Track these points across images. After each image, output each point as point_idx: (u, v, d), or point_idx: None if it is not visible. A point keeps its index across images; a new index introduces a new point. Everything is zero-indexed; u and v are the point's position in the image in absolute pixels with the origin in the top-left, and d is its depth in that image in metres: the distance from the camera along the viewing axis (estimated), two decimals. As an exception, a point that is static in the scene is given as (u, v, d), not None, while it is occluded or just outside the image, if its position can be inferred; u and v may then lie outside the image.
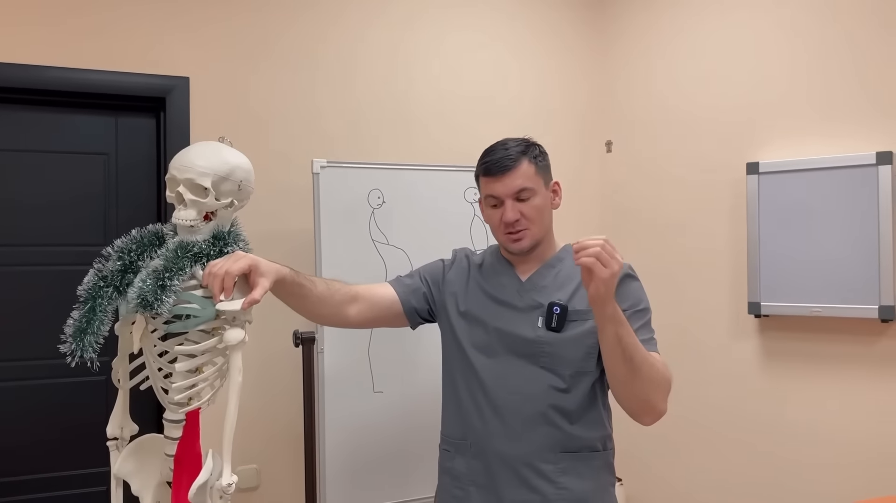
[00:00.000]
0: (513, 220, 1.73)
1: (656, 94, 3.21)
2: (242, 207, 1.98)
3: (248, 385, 2.75)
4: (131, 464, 1.89)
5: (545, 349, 1.74)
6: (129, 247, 1.82)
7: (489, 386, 1.76)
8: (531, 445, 1.72)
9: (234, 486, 1.73)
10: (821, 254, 2.59)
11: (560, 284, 1.79)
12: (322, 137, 2.92)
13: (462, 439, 1.80)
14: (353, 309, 1.82)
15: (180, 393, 1.79)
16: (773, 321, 2.78)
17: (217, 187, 1.83)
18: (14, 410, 2.54)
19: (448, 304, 1.87)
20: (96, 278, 1.77)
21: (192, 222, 1.79)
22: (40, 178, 2.60)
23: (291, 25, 2.89)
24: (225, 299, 1.62)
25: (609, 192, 3.43)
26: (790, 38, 2.73)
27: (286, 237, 2.84)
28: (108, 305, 1.75)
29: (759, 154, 2.82)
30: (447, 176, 2.70)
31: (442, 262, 1.95)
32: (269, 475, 2.81)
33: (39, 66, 2.51)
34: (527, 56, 3.34)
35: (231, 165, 1.87)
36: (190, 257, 1.75)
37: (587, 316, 1.72)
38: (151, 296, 1.65)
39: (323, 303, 1.79)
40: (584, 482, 1.74)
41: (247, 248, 1.92)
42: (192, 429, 1.79)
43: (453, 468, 1.82)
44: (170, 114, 2.69)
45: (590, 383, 1.75)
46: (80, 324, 1.71)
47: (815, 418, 2.66)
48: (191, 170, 1.80)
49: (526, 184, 1.74)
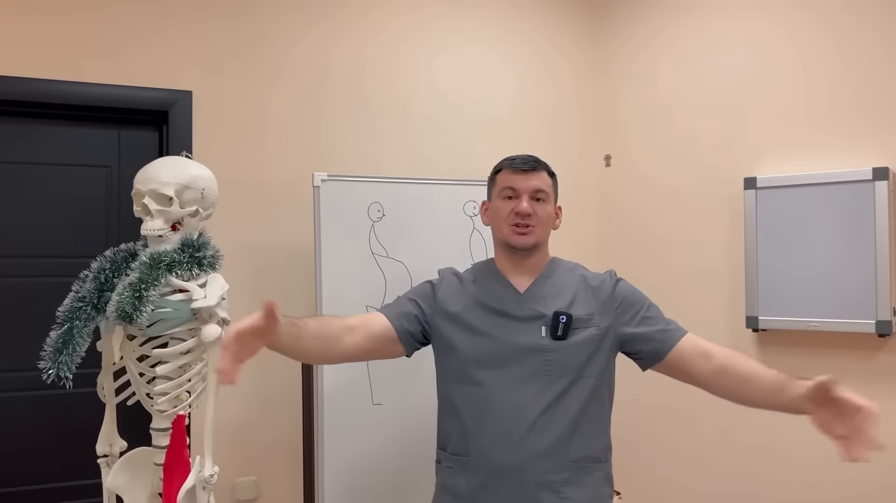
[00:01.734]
0: (527, 211, 1.80)
1: (655, 109, 3.24)
2: (209, 217, 2.02)
3: (247, 396, 2.78)
4: (123, 478, 1.92)
5: (550, 357, 1.76)
6: (103, 266, 1.89)
7: (493, 398, 1.76)
8: (536, 457, 1.73)
9: (216, 477, 1.76)
10: (818, 268, 2.60)
11: (557, 293, 1.83)
12: (323, 151, 2.95)
13: (463, 455, 1.79)
14: (349, 339, 1.77)
15: (163, 396, 1.83)
16: (770, 335, 2.78)
17: (180, 196, 1.89)
18: (8, 420, 2.55)
19: (442, 322, 1.87)
20: (74, 299, 1.83)
21: (160, 231, 1.85)
22: (44, 189, 2.62)
23: (294, 40, 2.92)
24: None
25: (608, 206, 3.45)
26: (788, 55, 2.76)
27: (286, 250, 2.86)
28: (84, 326, 1.81)
29: (756, 169, 2.84)
30: (447, 190, 2.72)
31: (430, 283, 1.95)
32: (268, 487, 2.82)
33: (44, 80, 2.55)
34: (527, 70, 3.37)
35: (192, 175, 1.94)
36: (164, 267, 1.80)
37: (588, 324, 1.79)
38: (130, 308, 1.71)
39: (318, 339, 1.72)
40: (585, 492, 1.75)
41: (216, 254, 1.98)
42: (179, 436, 1.82)
43: (455, 485, 1.80)
44: (172, 127, 2.72)
45: (590, 389, 1.78)
46: (57, 344, 1.78)
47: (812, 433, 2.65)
48: (154, 181, 1.87)
49: (544, 187, 1.84)
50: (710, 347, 1.77)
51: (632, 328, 1.82)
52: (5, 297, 2.56)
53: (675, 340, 1.79)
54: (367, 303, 2.57)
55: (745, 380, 1.69)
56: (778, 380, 1.66)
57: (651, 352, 1.81)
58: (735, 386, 1.71)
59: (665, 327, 1.82)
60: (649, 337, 1.80)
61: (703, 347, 1.77)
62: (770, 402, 1.68)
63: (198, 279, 1.93)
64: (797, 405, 1.61)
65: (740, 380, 1.70)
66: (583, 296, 1.83)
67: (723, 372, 1.72)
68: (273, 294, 2.83)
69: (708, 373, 1.74)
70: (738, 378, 1.70)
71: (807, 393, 1.57)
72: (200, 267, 1.93)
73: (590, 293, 1.84)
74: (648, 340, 1.80)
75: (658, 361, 1.80)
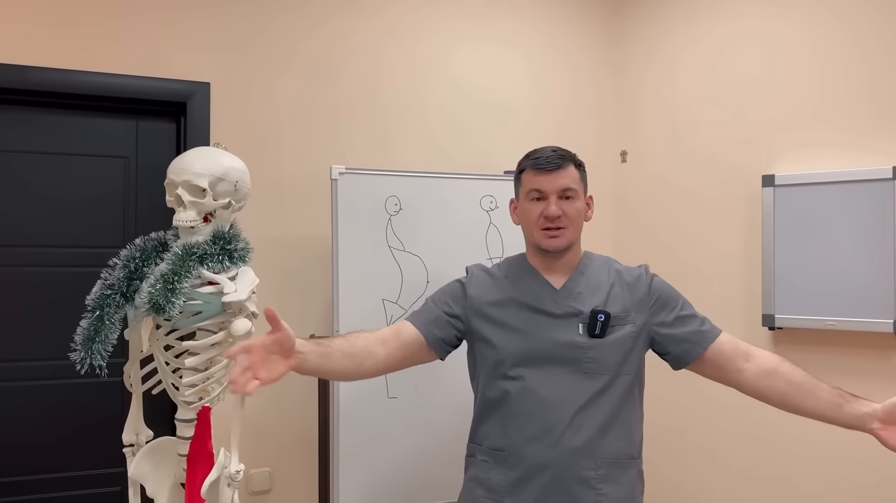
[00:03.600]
0: (556, 214, 1.77)
1: (672, 104, 3.22)
2: (241, 209, 2.02)
3: (263, 389, 2.78)
4: (146, 466, 1.93)
5: (589, 355, 1.76)
6: (133, 254, 1.88)
7: (531, 395, 1.76)
8: (573, 453, 1.73)
9: (242, 474, 1.77)
10: (835, 267, 2.59)
11: (592, 290, 1.82)
12: (340, 144, 2.94)
13: (500, 450, 1.79)
14: (382, 352, 1.73)
15: (190, 389, 1.83)
16: (787, 334, 2.78)
17: (214, 188, 1.88)
18: (34, 409, 2.57)
19: (477, 320, 1.85)
20: (103, 287, 1.83)
21: (193, 223, 1.85)
22: (61, 179, 2.63)
23: (311, 32, 2.91)
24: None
25: (623, 202, 3.44)
26: (808, 51, 2.74)
27: (303, 243, 2.86)
28: (115, 313, 1.80)
29: (774, 167, 2.83)
30: (464, 184, 2.72)
31: (459, 282, 1.92)
32: (282, 479, 2.82)
33: (62, 70, 2.54)
34: (544, 66, 3.36)
35: (226, 167, 1.93)
36: (196, 259, 1.80)
37: (624, 321, 1.79)
38: (163, 300, 1.70)
39: (347, 355, 1.68)
40: (621, 489, 1.76)
41: (247, 246, 1.97)
42: (204, 428, 1.82)
43: (490, 479, 1.79)
44: (190, 118, 2.72)
45: (627, 386, 1.78)
46: (89, 332, 1.77)
47: (829, 433, 2.65)
48: (188, 172, 1.86)
49: (572, 184, 1.80)
50: (749, 348, 1.80)
51: (666, 328, 1.82)
52: (22, 287, 2.56)
53: (709, 340, 1.80)
54: (383, 297, 2.58)
55: (800, 388, 1.72)
56: (836, 395, 1.69)
57: (683, 353, 1.81)
58: (787, 391, 1.73)
59: (699, 327, 1.82)
60: (683, 338, 1.81)
61: (743, 347, 1.79)
62: (826, 415, 1.71)
63: (228, 272, 1.93)
64: (857, 422, 1.67)
65: (795, 388, 1.72)
66: (618, 292, 1.82)
67: (772, 375, 1.75)
68: (289, 288, 2.84)
69: (752, 373, 1.77)
70: (792, 385, 1.73)
71: (874, 412, 1.64)
72: (231, 259, 1.93)
73: (625, 289, 1.83)
74: (681, 341, 1.81)
75: (692, 361, 1.81)
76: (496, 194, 2.73)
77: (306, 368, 1.59)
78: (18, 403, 2.55)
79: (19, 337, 2.56)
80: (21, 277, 2.56)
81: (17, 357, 2.55)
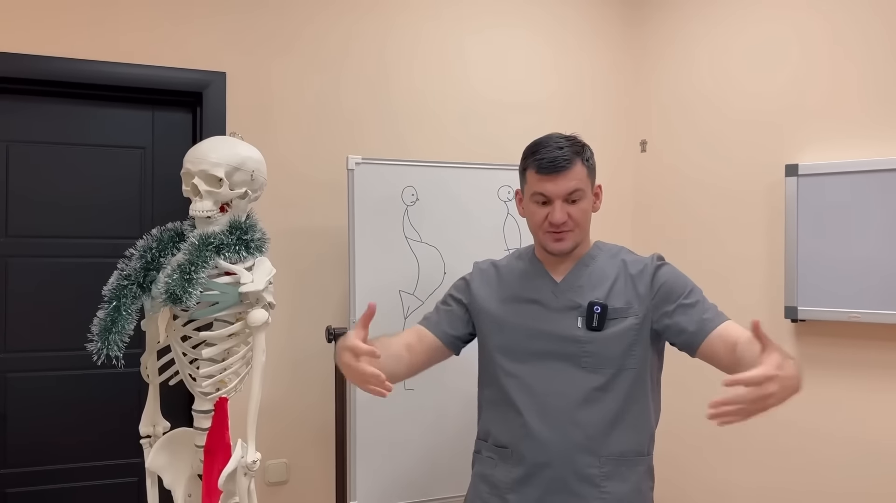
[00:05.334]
0: (561, 221, 1.71)
1: (693, 92, 3.17)
2: (257, 199, 2.00)
3: (281, 380, 2.78)
4: (163, 458, 1.92)
5: (587, 348, 1.72)
6: (150, 245, 1.88)
7: (530, 390, 1.74)
8: (576, 450, 1.70)
9: (259, 464, 1.76)
10: (860, 258, 2.54)
11: (595, 283, 1.77)
12: (357, 134, 2.92)
13: (504, 446, 1.77)
14: (410, 357, 1.76)
15: (207, 379, 1.82)
16: (810, 326, 2.73)
17: (230, 177, 1.87)
18: (52, 399, 2.58)
19: (481, 315, 1.84)
20: (120, 277, 1.82)
21: (209, 213, 1.83)
22: (79, 170, 2.63)
23: (328, 22, 2.89)
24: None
25: (643, 192, 3.40)
26: (831, 36, 2.68)
27: (320, 233, 2.85)
28: (132, 304, 1.80)
29: (798, 156, 2.77)
30: (481, 174, 2.69)
31: (464, 279, 1.92)
32: (299, 470, 2.82)
33: (79, 60, 2.54)
34: (562, 53, 3.32)
35: (242, 156, 1.91)
36: (212, 249, 1.78)
37: (626, 314, 1.73)
38: (180, 290, 1.69)
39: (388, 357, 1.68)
40: (627, 486, 1.72)
41: (263, 236, 1.96)
42: (221, 419, 1.81)
43: (493, 475, 1.78)
44: (206, 108, 2.71)
45: (631, 380, 1.73)
46: (106, 323, 1.76)
47: (853, 426, 2.61)
48: (204, 161, 1.84)
49: (578, 185, 1.71)
50: (739, 337, 1.62)
51: (667, 319, 1.74)
52: (40, 277, 2.57)
53: (706, 331, 1.68)
54: (400, 289, 2.56)
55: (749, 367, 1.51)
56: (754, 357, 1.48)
57: (685, 344, 1.73)
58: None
59: (701, 316, 1.70)
60: (682, 327, 1.72)
61: (732, 338, 1.64)
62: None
63: (245, 262, 1.92)
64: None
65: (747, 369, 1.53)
66: (622, 284, 1.76)
67: (739, 364, 1.59)
68: (306, 279, 2.83)
69: (732, 365, 1.63)
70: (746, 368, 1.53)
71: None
72: (248, 250, 1.91)
73: (629, 281, 1.77)
74: (681, 331, 1.72)
75: (693, 352, 1.72)
76: (514, 184, 2.70)
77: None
78: (37, 393, 2.56)
79: (38, 326, 2.56)
80: (39, 267, 2.57)
81: (35, 347, 2.56)
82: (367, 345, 1.45)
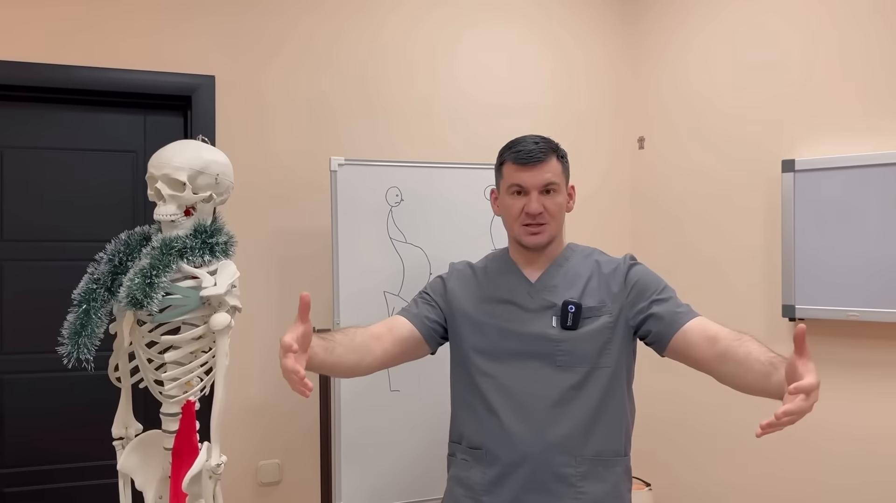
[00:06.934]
0: (537, 211, 1.72)
1: (690, 87, 3.11)
2: (224, 202, 2.01)
3: (270, 381, 2.80)
4: (134, 459, 1.94)
5: (561, 347, 1.71)
6: (118, 249, 1.89)
7: (504, 391, 1.73)
8: (551, 450, 1.69)
9: (223, 467, 1.77)
10: (859, 255, 2.46)
11: (570, 282, 1.77)
12: (345, 135, 2.92)
13: (478, 448, 1.76)
14: (378, 347, 1.72)
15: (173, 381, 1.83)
16: (808, 325, 2.65)
17: (193, 181, 1.87)
18: (48, 400, 2.63)
19: (455, 315, 1.83)
20: (89, 281, 1.84)
21: (173, 217, 1.84)
22: (71, 174, 2.67)
23: (314, 25, 2.89)
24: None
25: (640, 189, 3.34)
26: (829, 30, 2.60)
27: (308, 234, 2.85)
28: (101, 308, 1.81)
29: (794, 151, 2.70)
30: (467, 174, 2.67)
31: (440, 278, 1.92)
32: (291, 470, 2.83)
33: (71, 66, 2.58)
34: (555, 49, 3.27)
35: (206, 160, 1.91)
36: (175, 253, 1.79)
37: (600, 312, 1.74)
38: (140, 294, 1.70)
39: (349, 351, 1.66)
40: (604, 487, 1.70)
41: (230, 240, 1.96)
42: (189, 422, 1.82)
43: (469, 478, 1.77)
44: (196, 111, 2.73)
45: (606, 380, 1.72)
46: (75, 326, 1.78)
47: (851, 426, 2.54)
48: (167, 165, 1.85)
49: (553, 179, 1.74)
50: (719, 331, 1.61)
51: (641, 315, 1.73)
52: (32, 280, 2.62)
53: (680, 323, 1.67)
54: (384, 290, 2.55)
55: (741, 364, 1.52)
56: (767, 365, 1.47)
57: (657, 336, 1.71)
58: (733, 372, 1.55)
59: (675, 309, 1.70)
60: (655, 318, 1.70)
61: (711, 332, 1.62)
62: (761, 390, 1.50)
63: (209, 266, 1.92)
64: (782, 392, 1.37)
65: (737, 365, 1.54)
66: (595, 283, 1.77)
67: (724, 357, 1.57)
68: (291, 280, 2.84)
69: (711, 358, 1.60)
70: (735, 363, 1.54)
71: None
72: (213, 253, 1.92)
73: (603, 280, 1.77)
74: (654, 322, 1.71)
75: (665, 345, 1.70)
76: (502, 183, 2.67)
77: (314, 363, 1.56)
78: (33, 394, 2.61)
79: (33, 329, 2.61)
80: (34, 271, 2.62)
81: (31, 349, 2.61)
82: (289, 341, 1.39)
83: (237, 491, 2.76)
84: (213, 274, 1.87)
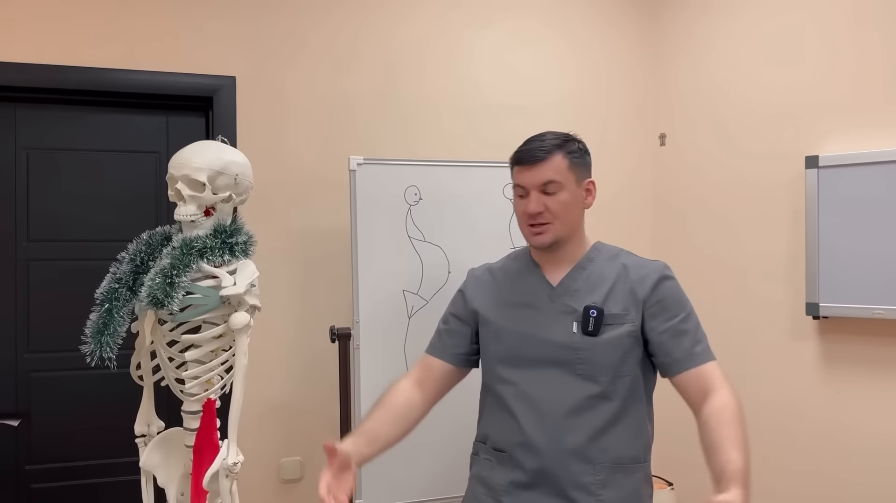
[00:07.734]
0: (535, 211, 1.69)
1: (711, 83, 3.08)
2: (243, 202, 2.02)
3: (291, 379, 2.82)
4: (156, 457, 1.97)
5: (581, 356, 1.68)
6: (139, 248, 1.91)
7: (525, 397, 1.72)
8: (571, 457, 1.67)
9: (240, 465, 1.78)
10: (884, 252, 2.42)
11: (592, 286, 1.72)
12: (365, 134, 2.93)
13: (502, 450, 1.75)
14: (421, 395, 1.79)
15: (194, 380, 1.85)
16: (832, 323, 2.62)
17: (213, 181, 1.89)
18: (74, 398, 2.67)
19: (480, 322, 1.83)
20: (112, 280, 1.86)
21: (193, 217, 1.86)
22: (95, 175, 2.71)
23: (333, 26, 2.91)
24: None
25: (662, 186, 3.31)
26: (852, 25, 2.56)
27: (323, 234, 2.87)
28: (123, 307, 1.83)
29: (818, 147, 2.66)
30: (485, 172, 2.66)
31: (460, 292, 1.91)
32: (313, 467, 2.85)
33: (95, 69, 2.62)
34: (576, 47, 3.26)
35: (226, 160, 1.93)
36: (195, 253, 1.81)
37: (623, 319, 1.69)
38: (161, 294, 1.72)
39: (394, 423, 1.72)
40: (623, 494, 1.69)
41: (249, 240, 1.97)
42: (210, 419, 1.84)
43: (490, 478, 1.77)
44: (217, 112, 2.76)
45: (628, 387, 1.70)
46: (98, 325, 1.81)
47: (876, 426, 2.50)
48: (187, 166, 1.86)
49: (554, 177, 1.68)
50: (716, 390, 1.61)
51: (656, 336, 1.70)
52: (59, 280, 2.66)
53: (687, 366, 1.66)
54: (403, 288, 2.56)
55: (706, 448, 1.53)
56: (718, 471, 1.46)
57: (663, 366, 1.71)
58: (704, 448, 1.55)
59: (691, 348, 1.68)
60: (667, 351, 1.69)
61: (709, 386, 1.63)
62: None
63: (229, 265, 1.94)
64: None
65: (704, 446, 1.55)
66: (620, 289, 1.72)
67: (700, 421, 1.60)
68: (311, 279, 2.85)
69: (695, 409, 1.64)
70: (703, 442, 1.55)
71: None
72: (232, 253, 1.94)
73: (628, 287, 1.72)
74: (664, 354, 1.70)
75: (667, 376, 1.72)
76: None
77: (365, 460, 1.64)
78: (60, 392, 2.65)
79: (59, 327, 2.66)
80: (59, 270, 2.66)
81: (57, 348, 2.65)
82: (322, 494, 1.46)
83: (259, 488, 2.78)
84: (232, 273, 1.88)
